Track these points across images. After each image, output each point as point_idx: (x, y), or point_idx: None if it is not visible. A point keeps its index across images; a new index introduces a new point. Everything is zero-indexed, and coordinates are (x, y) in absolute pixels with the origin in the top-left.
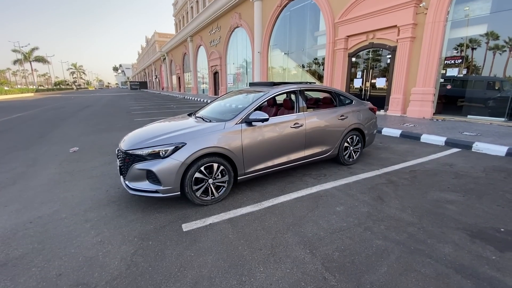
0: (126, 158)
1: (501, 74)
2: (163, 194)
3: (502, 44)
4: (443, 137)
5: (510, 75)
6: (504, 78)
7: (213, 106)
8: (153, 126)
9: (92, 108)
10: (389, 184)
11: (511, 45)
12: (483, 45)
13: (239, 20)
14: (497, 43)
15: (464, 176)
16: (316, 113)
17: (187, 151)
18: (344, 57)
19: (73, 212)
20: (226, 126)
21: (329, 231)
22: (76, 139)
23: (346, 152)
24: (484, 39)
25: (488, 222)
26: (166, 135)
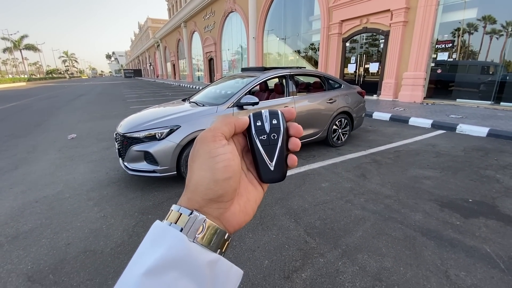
0: (124, 140)
1: (491, 58)
2: (160, 174)
3: (492, 28)
4: (430, 120)
5: (494, 59)
6: (492, 62)
7: (207, 91)
8: (149, 111)
9: (86, 97)
10: (373, 163)
11: (499, 30)
12: (475, 29)
13: (233, 4)
14: (488, 27)
15: (444, 155)
16: (306, 97)
17: (182, 133)
18: (338, 42)
19: (76, 192)
20: (218, 110)
21: (313, 204)
22: (73, 127)
23: (334, 135)
24: (476, 22)
25: (459, 194)
26: (161, 118)
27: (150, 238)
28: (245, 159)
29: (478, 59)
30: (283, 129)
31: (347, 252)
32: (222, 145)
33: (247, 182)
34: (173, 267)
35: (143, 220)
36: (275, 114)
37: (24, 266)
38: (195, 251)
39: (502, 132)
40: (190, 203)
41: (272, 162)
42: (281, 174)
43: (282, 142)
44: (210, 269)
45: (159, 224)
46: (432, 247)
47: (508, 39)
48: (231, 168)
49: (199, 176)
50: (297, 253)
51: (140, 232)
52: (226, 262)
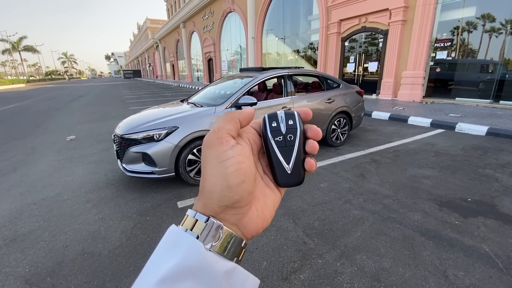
0: (122, 142)
1: (490, 57)
2: (158, 175)
3: (491, 26)
4: (429, 119)
5: (493, 57)
6: (492, 60)
7: (205, 92)
8: (147, 112)
9: (86, 98)
10: (372, 163)
11: (499, 28)
12: (474, 27)
13: (232, 4)
14: (487, 25)
15: (443, 154)
16: (304, 97)
17: (180, 134)
18: (337, 42)
19: (74, 194)
20: (216, 111)
21: (311, 204)
22: (72, 128)
23: (333, 134)
24: (475, 21)
25: (457, 194)
26: (159, 119)
27: (165, 244)
28: (261, 161)
29: (477, 57)
30: (300, 130)
31: (345, 252)
32: (230, 146)
33: (264, 185)
34: (188, 276)
35: (141, 222)
36: (291, 115)
37: (22, 269)
38: (211, 260)
39: (501, 131)
40: (206, 209)
41: (289, 164)
42: (299, 177)
43: (300, 143)
44: (226, 278)
45: (175, 230)
46: (430, 247)
47: (507, 37)
48: (242, 171)
49: (211, 184)
50: (296, 254)
51: (138, 234)
52: (243, 271)
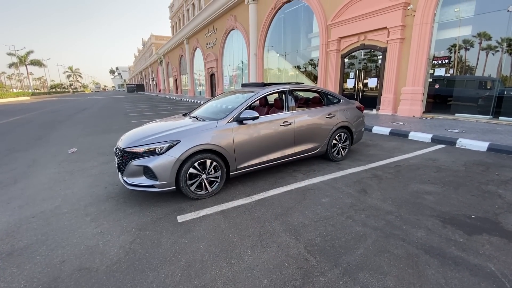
0: (124, 155)
1: (488, 73)
2: (159, 189)
3: (488, 44)
4: (430, 134)
5: (490, 74)
6: (489, 77)
7: (207, 106)
8: (149, 125)
9: (89, 111)
10: (374, 178)
11: (495, 46)
12: (471, 45)
13: (235, 22)
14: (483, 43)
15: (445, 170)
16: (305, 112)
17: (182, 148)
18: (337, 58)
19: (73, 207)
20: (218, 125)
21: (313, 220)
22: (74, 141)
23: (334, 149)
24: (471, 39)
25: (461, 210)
26: (161, 133)
27: None
28: None
29: (475, 74)
30: None
31: (348, 270)
32: None
33: None
34: None
35: (140, 237)
36: None
37: (17, 285)
38: None
39: (502, 147)
40: None
41: None
42: None
43: None
44: None
45: None
46: (435, 266)
47: (504, 54)
48: None
49: None
50: (297, 271)
51: (136, 249)
52: None
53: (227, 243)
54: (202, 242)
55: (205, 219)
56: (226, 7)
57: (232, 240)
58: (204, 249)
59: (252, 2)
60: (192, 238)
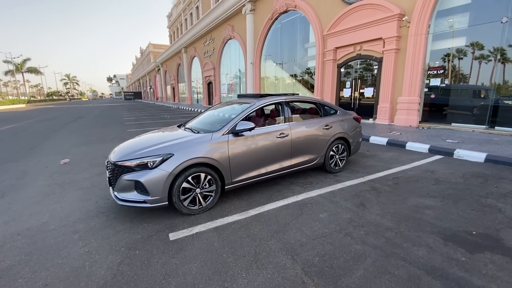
0: (115, 169)
1: (481, 82)
2: (151, 204)
3: (481, 53)
4: (427, 145)
5: (484, 83)
6: (484, 86)
7: (202, 117)
8: (142, 137)
9: (84, 119)
10: (372, 191)
11: (488, 55)
12: (465, 55)
13: (232, 32)
14: (476, 53)
15: (444, 182)
16: (302, 123)
17: (175, 162)
18: (333, 68)
19: (61, 223)
20: (213, 137)
21: (311, 238)
22: (67, 151)
23: (332, 161)
24: (465, 49)
25: (462, 226)
26: (154, 146)
27: None
28: None
29: (470, 83)
30: None
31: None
32: None
33: None
34: None
35: (129, 257)
36: None
37: None
38: None
39: (500, 158)
40: None
41: None
42: None
43: None
44: None
45: None
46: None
47: (498, 63)
48: None
49: None
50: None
51: (125, 271)
52: None
53: (220, 264)
54: (194, 262)
55: (198, 237)
56: (224, 17)
57: (226, 260)
58: (196, 270)
59: (249, 12)
60: (183, 258)
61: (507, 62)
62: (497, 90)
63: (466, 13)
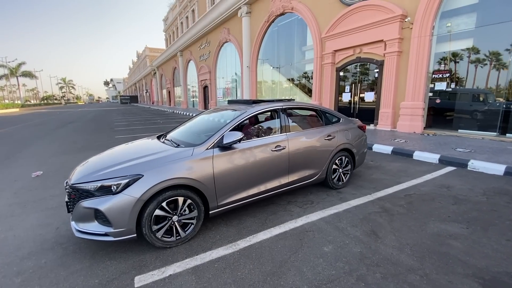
0: (72, 193)
1: (489, 87)
2: (114, 238)
3: (490, 56)
4: (437, 154)
5: (492, 86)
6: (494, 91)
7: (186, 126)
8: (111, 152)
9: (74, 124)
10: (383, 213)
11: (496, 58)
12: (472, 58)
13: (228, 35)
14: (487, 55)
15: (464, 201)
16: (300, 134)
17: (144, 184)
18: (332, 72)
19: (7, 260)
20: (194, 152)
21: (314, 283)
22: (44, 161)
23: (335, 175)
24: (473, 51)
25: (501, 265)
26: (121, 164)
27: None
28: None
29: (478, 88)
30: None
31: None
32: None
33: None
34: None
35: None
36: None
37: None
38: None
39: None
40: None
41: None
42: None
43: None
44: None
45: None
46: None
47: (510, 67)
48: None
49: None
50: None
51: None
52: None
53: None
54: None
55: (171, 282)
56: (220, 20)
57: None
58: None
59: (245, 15)
60: None
61: None
62: (508, 94)
63: (473, 14)
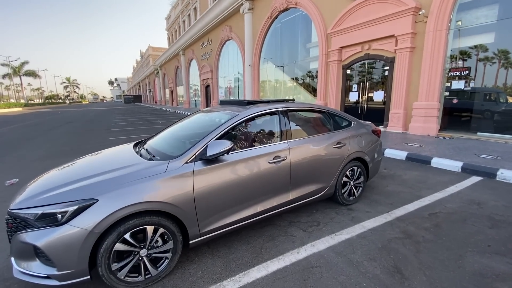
0: (9, 222)
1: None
2: (60, 282)
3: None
4: (459, 162)
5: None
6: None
7: (168, 132)
8: (73, 164)
9: (72, 125)
10: (406, 239)
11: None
12: (494, 54)
13: (230, 33)
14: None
15: (504, 224)
16: (304, 141)
17: (99, 212)
18: (338, 70)
19: None
20: (169, 168)
21: None
22: (26, 166)
23: (345, 189)
24: (495, 47)
25: None
26: (72, 184)
27: None
28: None
29: (499, 87)
30: None
31: None
32: None
33: None
34: None
35: None
36: None
37: None
38: None
39: None
40: None
41: None
42: None
43: None
44: None
45: None
46: None
47: None
48: None
49: None
50: None
51: None
52: None
53: None
54: None
55: None
56: (221, 17)
57: None
58: None
59: (247, 11)
60: None
61: None
62: None
63: (494, 5)
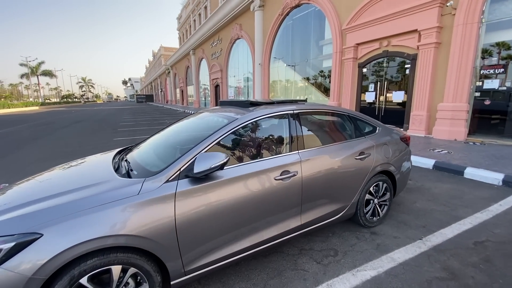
0: None
1: None
2: None
3: None
4: (499, 174)
5: None
6: None
7: (156, 138)
8: (31, 181)
9: (81, 124)
10: (451, 281)
11: None
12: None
13: (240, 31)
14: None
15: None
16: (319, 152)
17: (44, 250)
18: (353, 68)
19: None
20: (143, 189)
21: None
22: (21, 169)
23: (368, 208)
24: None
25: None
26: (14, 210)
27: None
28: None
29: None
30: None
31: None
32: None
33: None
34: None
35: None
36: None
37: None
38: None
39: None
40: None
41: None
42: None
43: None
44: None
45: None
46: None
47: None
48: None
49: None
50: None
51: None
52: None
53: None
54: None
55: None
56: (231, 15)
57: None
58: None
59: (258, 8)
60: None
61: None
62: None
63: None
